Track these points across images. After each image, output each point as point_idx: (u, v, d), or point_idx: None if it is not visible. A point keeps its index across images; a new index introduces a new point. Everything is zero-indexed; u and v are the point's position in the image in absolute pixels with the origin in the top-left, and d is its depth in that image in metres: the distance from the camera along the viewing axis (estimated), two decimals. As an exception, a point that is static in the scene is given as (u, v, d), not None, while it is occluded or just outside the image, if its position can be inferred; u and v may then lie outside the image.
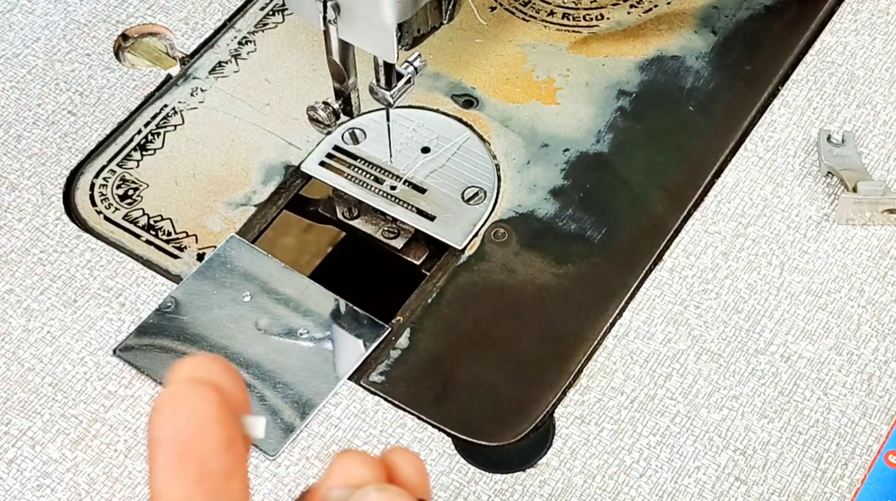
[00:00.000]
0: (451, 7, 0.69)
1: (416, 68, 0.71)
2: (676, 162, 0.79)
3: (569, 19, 0.86)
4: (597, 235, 0.76)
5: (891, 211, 0.74)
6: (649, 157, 0.79)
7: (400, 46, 0.67)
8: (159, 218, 0.77)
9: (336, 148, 0.79)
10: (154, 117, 0.81)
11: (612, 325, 0.71)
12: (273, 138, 0.80)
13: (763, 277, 0.72)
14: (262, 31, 0.86)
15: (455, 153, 0.79)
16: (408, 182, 0.77)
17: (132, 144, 0.80)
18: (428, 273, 0.75)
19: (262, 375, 0.69)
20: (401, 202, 0.77)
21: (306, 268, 0.87)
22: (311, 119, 0.73)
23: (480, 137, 0.80)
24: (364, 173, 0.78)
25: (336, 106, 0.73)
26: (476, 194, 0.77)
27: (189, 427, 0.33)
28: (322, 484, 0.36)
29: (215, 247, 0.75)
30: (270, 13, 0.87)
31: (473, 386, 0.70)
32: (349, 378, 0.69)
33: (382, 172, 0.78)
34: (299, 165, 0.79)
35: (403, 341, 0.71)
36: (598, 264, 0.75)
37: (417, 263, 0.77)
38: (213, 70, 0.83)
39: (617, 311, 0.72)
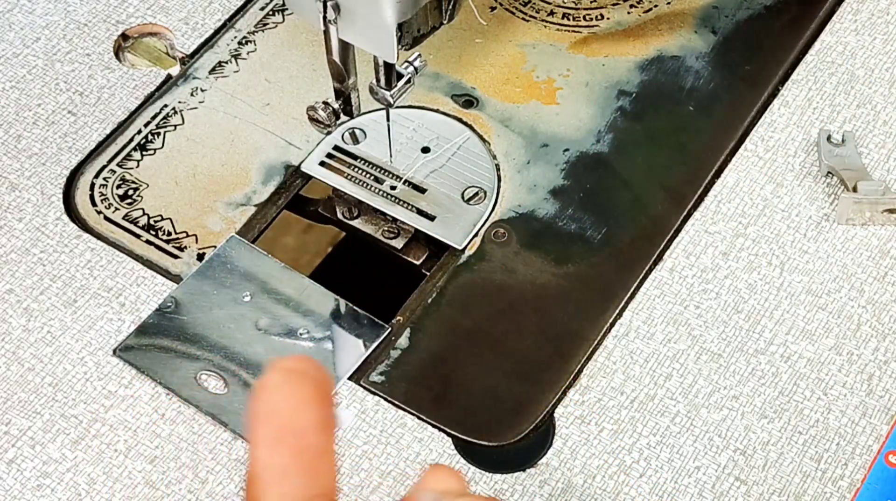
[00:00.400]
0: (451, 7, 0.69)
1: (416, 68, 0.71)
2: (676, 162, 0.79)
3: (569, 19, 0.86)
4: (597, 235, 0.76)
5: (891, 211, 0.74)
6: (649, 157, 0.79)
7: (400, 46, 0.67)
8: (159, 218, 0.77)
9: (336, 148, 0.79)
10: (154, 117, 0.81)
11: (612, 325, 0.71)
12: (273, 138, 0.80)
13: (763, 277, 0.72)
14: (262, 31, 0.86)
15: (455, 153, 0.79)
16: (408, 182, 0.77)
17: (132, 144, 0.80)
18: (428, 273, 0.75)
19: (262, 375, 0.69)
20: (401, 202, 0.77)
21: (306, 268, 0.87)
22: (311, 119, 0.73)
23: (480, 137, 0.80)
24: (364, 173, 0.78)
25: (336, 106, 0.73)
26: (476, 193, 0.77)
27: (289, 407, 0.37)
28: (416, 490, 0.40)
29: (215, 247, 0.75)
30: (270, 13, 0.87)
31: (473, 386, 0.70)
32: (349, 378, 0.69)
33: (382, 172, 0.78)
34: (299, 165, 0.79)
35: (403, 341, 0.71)
36: (598, 264, 0.75)
37: (417, 263, 0.77)
38: (213, 70, 0.83)
39: (617, 311, 0.72)
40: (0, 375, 0.70)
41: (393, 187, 0.77)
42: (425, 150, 0.79)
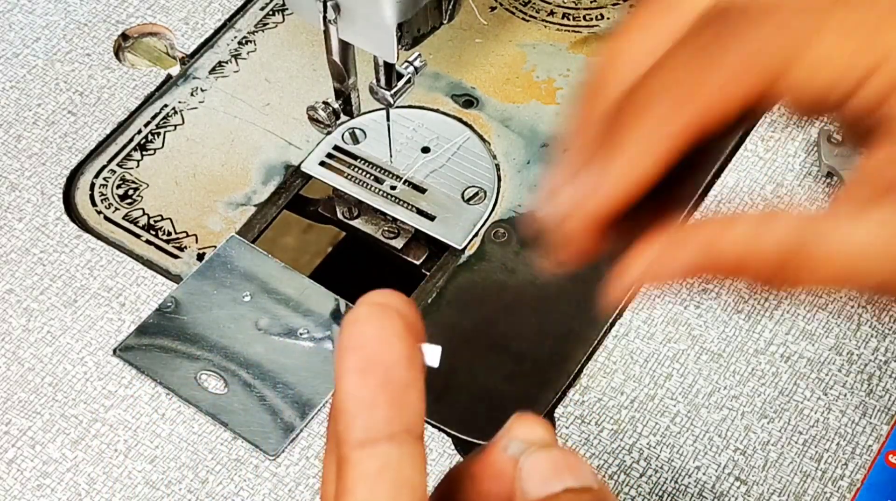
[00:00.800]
0: (451, 7, 0.69)
1: (416, 68, 0.71)
2: (677, 162, 0.79)
3: (569, 19, 0.86)
4: (597, 235, 0.75)
5: (891, 211, 0.74)
6: (649, 157, 0.79)
7: (400, 46, 0.67)
8: (159, 218, 0.77)
9: (336, 148, 0.79)
10: (154, 117, 0.81)
11: (612, 325, 0.71)
12: (273, 138, 0.80)
13: (763, 277, 0.72)
14: (262, 31, 0.86)
15: (455, 153, 0.79)
16: (408, 182, 0.78)
17: (132, 144, 0.80)
18: (428, 273, 0.75)
19: (262, 375, 0.69)
20: (401, 202, 0.77)
21: (306, 268, 0.87)
22: (311, 119, 0.73)
23: (480, 137, 0.80)
24: (364, 173, 0.78)
25: (336, 106, 0.73)
26: (476, 194, 0.77)
27: (377, 339, 0.36)
28: (502, 438, 0.39)
29: (215, 247, 0.75)
30: (270, 13, 0.87)
31: (473, 386, 0.70)
32: (349, 378, 0.69)
33: (382, 172, 0.78)
34: (299, 165, 0.79)
35: (403, 341, 0.71)
36: (597, 264, 0.74)
37: (417, 263, 0.77)
38: (213, 70, 0.84)
39: (617, 311, 0.72)
40: (0, 375, 0.70)
41: (393, 187, 0.77)
42: (425, 150, 0.79)
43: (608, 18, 0.86)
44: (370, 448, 0.36)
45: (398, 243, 0.77)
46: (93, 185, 0.78)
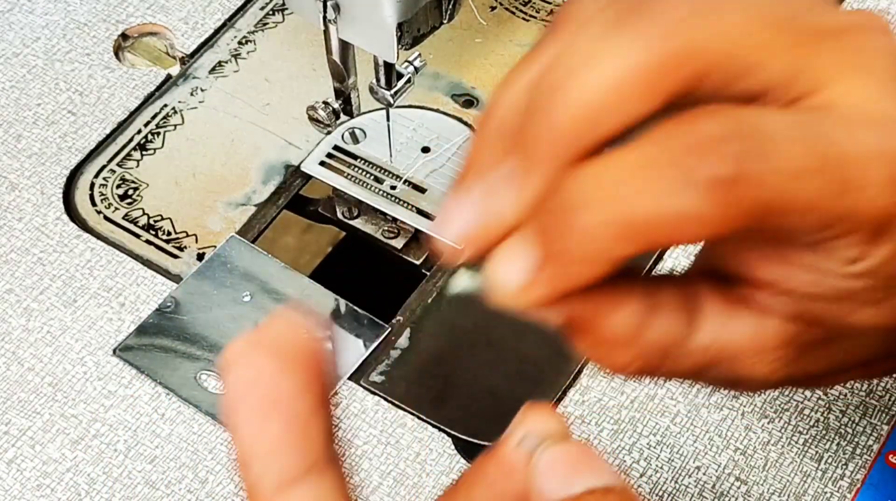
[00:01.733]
0: (451, 7, 0.69)
1: (416, 68, 0.71)
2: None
3: (569, 19, 0.86)
4: (597, 235, 0.75)
5: (891, 211, 0.74)
6: (649, 157, 0.79)
7: (400, 46, 0.67)
8: (159, 218, 0.77)
9: (336, 148, 0.79)
10: (154, 117, 0.81)
11: (613, 325, 0.71)
12: (273, 138, 0.80)
13: (763, 277, 0.72)
14: (262, 30, 0.86)
15: (455, 153, 0.79)
16: (408, 182, 0.77)
17: (132, 144, 0.80)
18: (428, 273, 0.75)
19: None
20: (401, 202, 0.77)
21: (306, 268, 0.87)
22: (311, 119, 0.73)
23: (480, 136, 0.80)
24: (364, 173, 0.78)
25: (336, 106, 0.73)
26: (476, 193, 0.77)
27: (267, 376, 0.34)
28: (514, 430, 0.37)
29: (215, 247, 0.75)
30: (270, 13, 0.87)
31: (473, 386, 0.70)
32: (349, 378, 0.69)
33: (382, 171, 0.78)
34: (299, 164, 0.79)
35: (403, 341, 0.71)
36: (598, 263, 0.74)
37: (417, 263, 0.77)
38: (213, 70, 0.83)
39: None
40: (0, 375, 0.70)
41: (393, 187, 0.77)
42: (425, 149, 0.79)
43: (608, 18, 0.86)
44: (289, 491, 0.34)
45: (398, 243, 0.77)
46: (92, 185, 0.78)
